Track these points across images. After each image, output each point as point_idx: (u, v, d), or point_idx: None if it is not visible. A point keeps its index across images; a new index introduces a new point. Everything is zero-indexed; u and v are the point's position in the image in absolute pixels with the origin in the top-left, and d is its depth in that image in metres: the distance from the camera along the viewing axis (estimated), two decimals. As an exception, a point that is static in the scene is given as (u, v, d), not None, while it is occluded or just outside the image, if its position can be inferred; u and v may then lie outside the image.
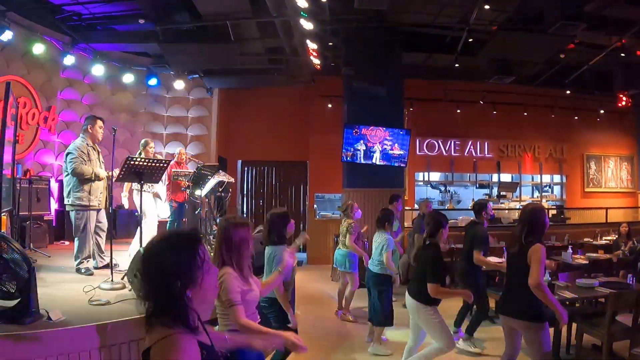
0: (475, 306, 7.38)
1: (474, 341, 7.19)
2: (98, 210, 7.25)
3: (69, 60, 11.12)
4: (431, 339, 5.47)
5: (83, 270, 6.99)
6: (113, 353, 4.33)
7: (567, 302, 6.40)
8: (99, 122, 7.35)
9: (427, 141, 16.49)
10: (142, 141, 9.39)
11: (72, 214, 7.10)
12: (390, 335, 7.56)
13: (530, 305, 4.59)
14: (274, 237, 5.28)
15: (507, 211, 15.68)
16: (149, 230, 8.27)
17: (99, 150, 7.40)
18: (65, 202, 7.16)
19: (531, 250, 4.57)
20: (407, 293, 5.51)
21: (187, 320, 2.06)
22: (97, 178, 7.08)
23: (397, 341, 7.26)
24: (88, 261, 7.16)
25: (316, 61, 11.98)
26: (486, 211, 7.58)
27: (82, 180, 6.97)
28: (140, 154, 9.00)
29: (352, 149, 12.64)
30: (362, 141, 12.66)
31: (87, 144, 7.17)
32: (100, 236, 7.41)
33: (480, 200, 8.20)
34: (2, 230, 6.99)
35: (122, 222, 11.61)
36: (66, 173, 7.08)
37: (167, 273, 2.09)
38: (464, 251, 7.60)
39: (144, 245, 5.44)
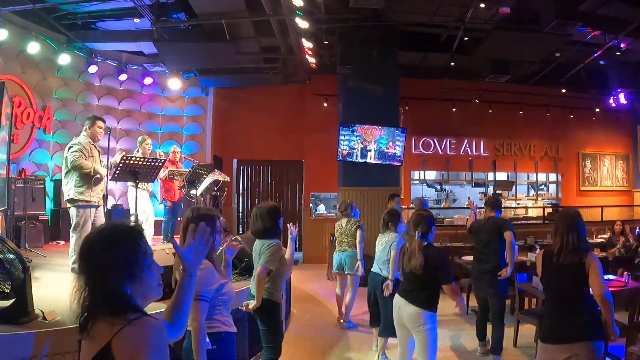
0: (496, 317, 6.76)
1: None
2: (97, 207, 7.21)
3: (64, 59, 11.11)
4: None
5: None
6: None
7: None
8: (99, 123, 7.24)
9: (422, 140, 16.49)
10: (139, 137, 9.40)
11: (73, 211, 6.95)
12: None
13: (595, 323, 4.12)
14: (267, 231, 5.07)
15: (502, 210, 15.68)
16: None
17: (100, 149, 7.35)
18: (66, 197, 7.02)
19: (589, 259, 4.13)
20: (402, 300, 5.00)
21: (137, 307, 1.99)
22: (97, 174, 7.02)
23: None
24: None
25: (312, 60, 11.98)
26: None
27: (82, 176, 6.87)
28: (137, 151, 9.00)
29: (347, 148, 12.63)
30: (357, 140, 12.66)
31: (89, 142, 7.14)
32: None
33: (495, 195, 7.53)
34: (-3, 230, 6.98)
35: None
36: (66, 168, 6.95)
37: (103, 268, 1.99)
38: (486, 254, 6.96)
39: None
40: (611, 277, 7.46)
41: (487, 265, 6.82)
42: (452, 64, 13.22)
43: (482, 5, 10.17)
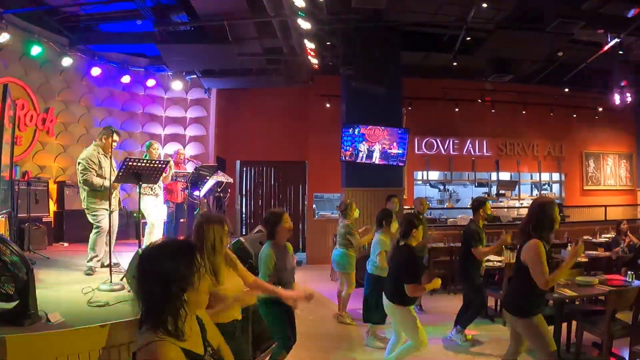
0: (473, 303, 7.41)
1: (465, 335, 7.32)
2: (111, 212, 7.30)
3: (67, 61, 11.12)
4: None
5: (86, 268, 7.04)
6: (112, 354, 4.32)
7: (567, 300, 6.40)
8: (115, 136, 7.30)
9: (425, 140, 16.49)
10: (147, 143, 9.38)
11: (89, 217, 7.24)
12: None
13: (517, 300, 4.73)
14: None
15: (506, 209, 15.68)
16: (152, 232, 8.34)
17: (111, 158, 7.36)
18: (82, 205, 7.31)
19: (527, 246, 4.62)
20: (383, 294, 5.59)
21: (176, 327, 2.15)
22: (107, 189, 7.11)
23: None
24: (99, 260, 7.22)
25: (314, 61, 11.96)
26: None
27: (94, 190, 7.09)
28: (145, 155, 9.01)
29: (350, 149, 12.64)
30: (360, 140, 12.66)
31: (99, 153, 7.24)
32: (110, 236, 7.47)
33: (479, 198, 8.14)
34: (1, 232, 6.99)
35: (121, 223, 11.53)
36: (79, 182, 7.20)
37: (165, 278, 2.15)
38: (460, 250, 7.76)
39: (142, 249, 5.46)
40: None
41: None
42: (455, 63, 13.21)
43: (484, 5, 10.16)
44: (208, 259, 3.72)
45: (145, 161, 6.84)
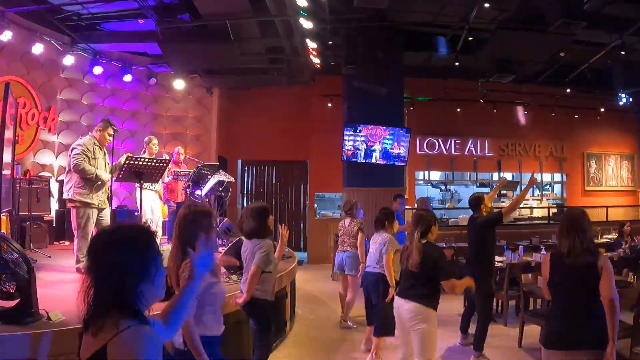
0: (478, 311, 6.91)
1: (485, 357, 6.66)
2: (100, 210, 7.21)
3: (69, 60, 11.14)
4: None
5: (83, 270, 6.97)
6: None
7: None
8: (110, 130, 7.25)
9: (427, 140, 16.47)
10: (146, 138, 9.39)
11: (73, 211, 6.99)
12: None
13: (602, 329, 3.82)
14: (256, 231, 5.07)
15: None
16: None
17: (106, 152, 7.33)
18: (65, 196, 7.07)
19: (602, 261, 3.91)
20: (401, 300, 5.05)
21: (138, 312, 2.00)
22: (99, 179, 7.02)
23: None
24: None
25: (316, 60, 11.97)
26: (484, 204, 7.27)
27: (84, 178, 6.91)
28: (144, 151, 9.01)
29: (352, 148, 12.63)
30: (362, 140, 12.65)
31: (94, 143, 7.14)
32: None
33: (476, 194, 7.79)
34: (2, 231, 6.98)
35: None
36: (68, 168, 7.00)
37: (118, 267, 2.01)
38: (472, 250, 7.27)
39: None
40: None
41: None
42: (457, 63, 13.21)
43: (487, 5, 10.16)
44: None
45: (147, 160, 6.84)
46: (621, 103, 14.31)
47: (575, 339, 3.90)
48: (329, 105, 15.26)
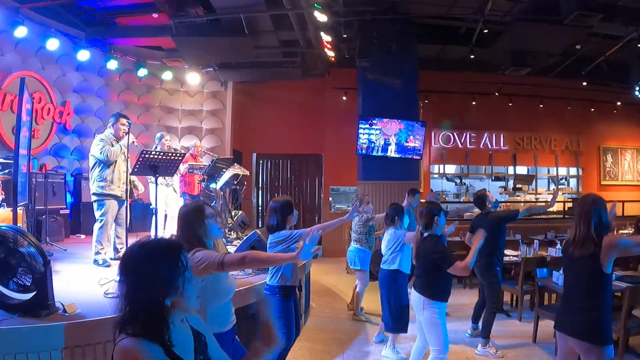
0: (486, 300, 7.04)
1: (492, 345, 6.77)
2: (120, 201, 7.31)
3: (83, 55, 11.18)
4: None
5: (100, 262, 7.05)
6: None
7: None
8: (122, 120, 7.47)
9: (442, 133, 16.40)
10: (158, 134, 9.46)
11: (95, 204, 7.26)
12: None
13: (595, 323, 3.89)
14: (278, 225, 5.10)
15: (522, 204, 15.59)
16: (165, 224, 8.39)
17: (122, 145, 7.43)
18: (91, 191, 7.30)
19: (604, 245, 3.88)
20: (412, 289, 5.27)
21: (158, 333, 2.05)
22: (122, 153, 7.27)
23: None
24: (106, 252, 7.23)
25: (330, 53, 11.94)
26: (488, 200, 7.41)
27: (103, 171, 7.14)
28: (156, 147, 9.05)
29: (367, 142, 12.63)
30: (377, 133, 12.62)
31: (113, 138, 7.35)
32: (120, 226, 7.49)
33: (479, 192, 7.78)
34: (18, 224, 7.03)
35: (138, 215, 11.59)
36: (93, 161, 7.20)
37: (145, 282, 2.07)
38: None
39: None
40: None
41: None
42: (472, 56, 13.13)
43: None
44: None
45: (162, 153, 6.87)
46: (638, 95, 14.13)
47: (568, 327, 4.04)
48: (344, 98, 15.21)
